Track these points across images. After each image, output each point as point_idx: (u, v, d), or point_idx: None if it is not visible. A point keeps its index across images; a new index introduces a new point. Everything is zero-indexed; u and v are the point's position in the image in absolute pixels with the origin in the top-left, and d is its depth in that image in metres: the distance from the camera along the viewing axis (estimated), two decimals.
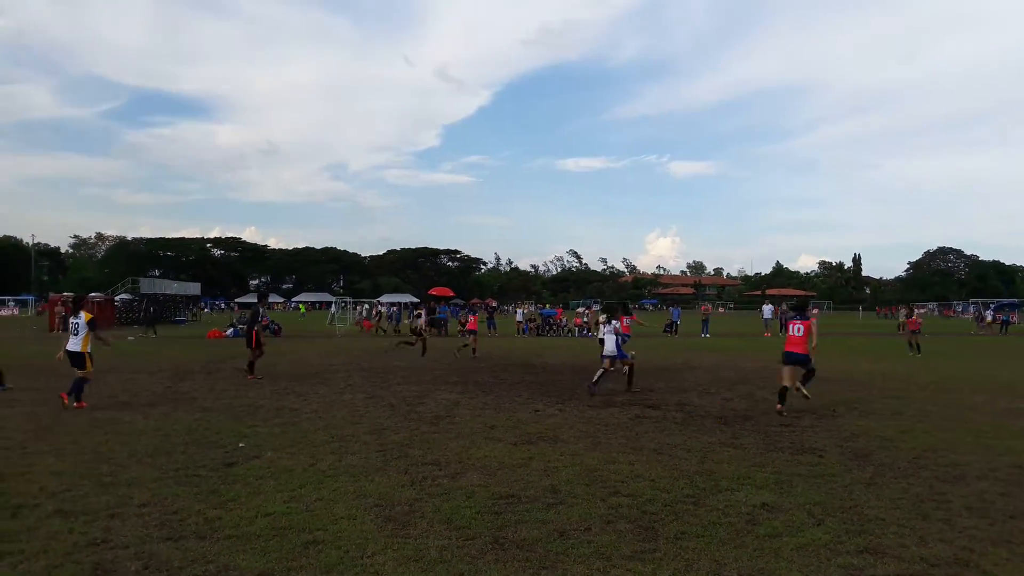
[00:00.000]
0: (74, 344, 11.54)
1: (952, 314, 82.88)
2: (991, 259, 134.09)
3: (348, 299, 47.89)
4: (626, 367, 14.02)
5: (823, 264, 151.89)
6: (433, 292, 35.75)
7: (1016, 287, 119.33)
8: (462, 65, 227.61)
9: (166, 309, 49.67)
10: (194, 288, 64.17)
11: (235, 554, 4.96)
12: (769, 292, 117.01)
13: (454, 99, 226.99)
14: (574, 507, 6.10)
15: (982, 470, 7.52)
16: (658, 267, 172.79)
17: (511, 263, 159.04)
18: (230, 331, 33.81)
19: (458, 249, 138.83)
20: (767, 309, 42.70)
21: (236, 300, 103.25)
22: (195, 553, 4.98)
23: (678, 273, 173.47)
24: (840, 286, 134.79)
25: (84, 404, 11.34)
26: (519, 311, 42.65)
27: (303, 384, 14.76)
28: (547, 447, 8.57)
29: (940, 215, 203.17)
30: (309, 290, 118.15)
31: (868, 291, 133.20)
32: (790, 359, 11.53)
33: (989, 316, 45.57)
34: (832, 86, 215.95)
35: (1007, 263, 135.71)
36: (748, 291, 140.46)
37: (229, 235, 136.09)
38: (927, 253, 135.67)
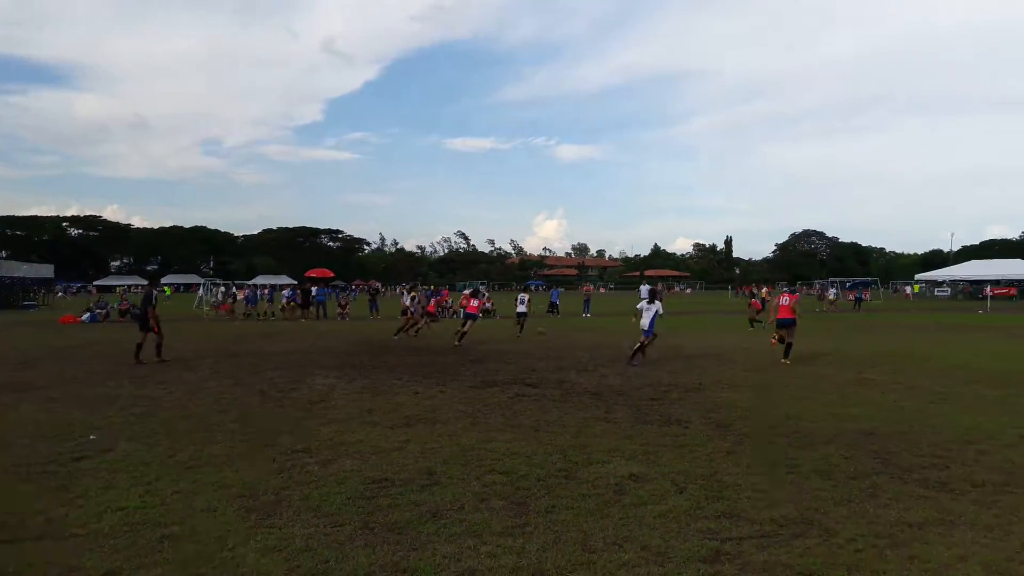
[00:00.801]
0: None
1: (813, 293, 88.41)
2: (850, 241, 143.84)
3: (218, 281, 45.71)
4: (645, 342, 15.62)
5: (697, 246, 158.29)
6: (311, 274, 34.64)
7: (871, 267, 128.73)
8: (349, 39, 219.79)
9: (13, 294, 46.00)
10: (47, 270, 59.49)
11: (80, 554, 4.68)
12: (647, 273, 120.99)
13: (340, 73, 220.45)
14: (448, 487, 6.14)
15: (829, 436, 8.09)
16: (544, 249, 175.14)
17: (396, 244, 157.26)
18: (86, 316, 31.62)
19: (340, 229, 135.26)
20: (644, 289, 44.05)
21: (95, 283, 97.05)
22: (33, 556, 4.66)
23: (563, 255, 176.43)
24: (713, 267, 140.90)
25: None
26: (405, 294, 42.16)
27: (165, 371, 14.05)
28: (425, 429, 8.56)
29: (806, 200, 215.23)
30: (176, 271, 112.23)
31: (738, 271, 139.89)
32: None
33: (832, 294, 48.36)
34: (713, 75, 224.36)
35: (863, 244, 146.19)
36: (628, 272, 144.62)
37: (88, 213, 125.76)
38: (792, 235, 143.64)
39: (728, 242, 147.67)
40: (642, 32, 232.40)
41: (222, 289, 41.94)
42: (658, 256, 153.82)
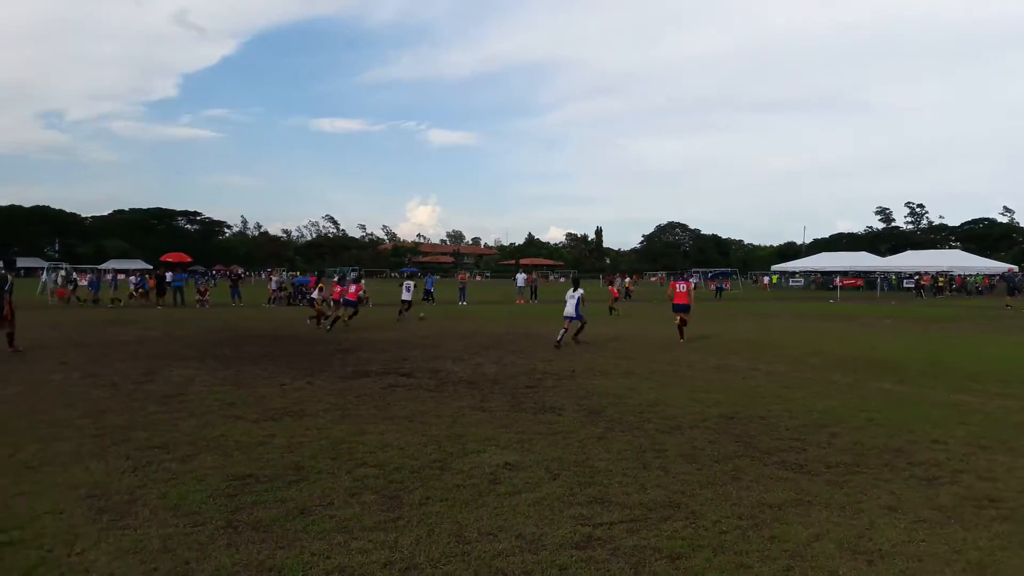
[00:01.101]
0: None
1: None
2: (711, 233, 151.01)
3: (65, 265, 42.23)
4: (580, 325, 17.18)
5: (570, 236, 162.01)
6: (167, 258, 32.58)
7: (731, 258, 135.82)
8: (204, 11, 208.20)
9: None
10: None
11: None
12: (522, 262, 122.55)
13: (195, 47, 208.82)
14: (317, 483, 5.91)
15: (694, 420, 8.42)
16: (419, 235, 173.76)
17: (260, 227, 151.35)
18: None
19: (199, 211, 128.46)
20: (520, 277, 44.54)
21: None
22: None
23: (438, 242, 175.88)
24: (584, 256, 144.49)
25: None
26: (274, 279, 40.58)
27: (3, 364, 12.88)
28: (292, 422, 8.23)
29: (670, 193, 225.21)
30: (17, 254, 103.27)
31: (608, 261, 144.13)
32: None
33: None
34: (582, 65, 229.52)
35: (723, 236, 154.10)
36: (503, 260, 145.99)
37: None
38: (658, 227, 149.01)
39: (599, 232, 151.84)
40: (505, 20, 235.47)
41: (62, 273, 38.63)
42: (532, 245, 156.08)
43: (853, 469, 6.39)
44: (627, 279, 51.76)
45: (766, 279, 79.69)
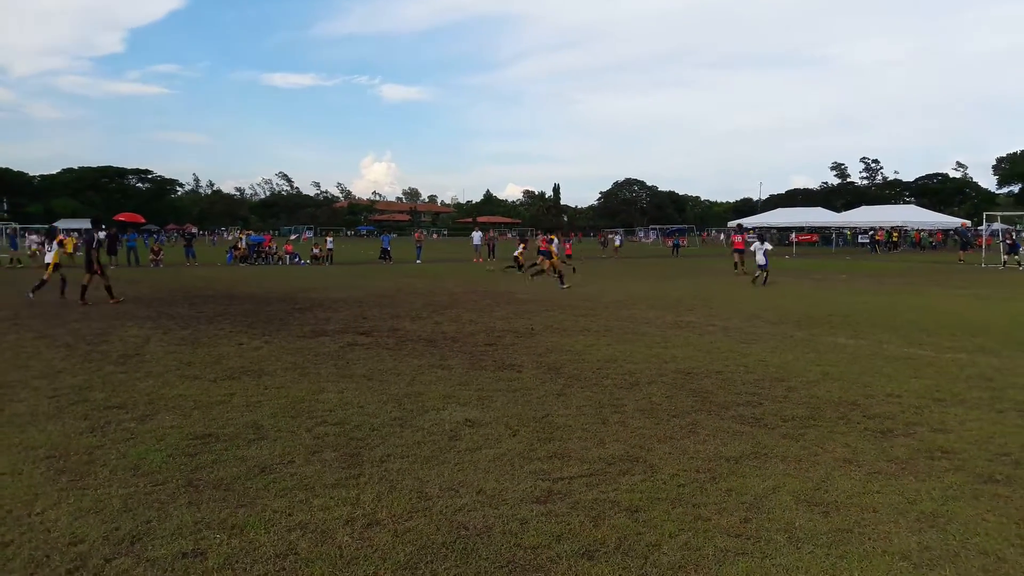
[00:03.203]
0: None
1: (636, 240, 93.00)
2: (667, 190, 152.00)
3: (14, 225, 40.99)
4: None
5: (527, 193, 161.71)
6: (120, 218, 31.71)
7: (687, 214, 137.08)
8: None
9: None
10: None
11: None
12: (480, 220, 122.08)
13: (140, 0, 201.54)
14: (277, 441, 5.89)
15: (651, 376, 8.54)
16: (374, 193, 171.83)
17: (212, 185, 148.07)
18: None
19: (149, 169, 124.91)
20: (477, 236, 44.39)
21: None
22: None
23: (394, 200, 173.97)
24: (542, 214, 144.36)
25: None
26: (242, 237, 39.85)
27: None
28: (250, 382, 8.16)
29: (627, 149, 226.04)
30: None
31: (566, 218, 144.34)
32: None
33: (617, 241, 50.37)
34: (539, 19, 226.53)
35: (680, 193, 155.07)
36: (460, 218, 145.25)
37: None
38: (615, 184, 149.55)
39: (556, 189, 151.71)
40: None
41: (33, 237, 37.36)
42: (490, 202, 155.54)
43: (809, 423, 6.53)
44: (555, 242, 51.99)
45: (722, 236, 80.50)
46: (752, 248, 22.81)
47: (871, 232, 61.08)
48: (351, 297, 18.14)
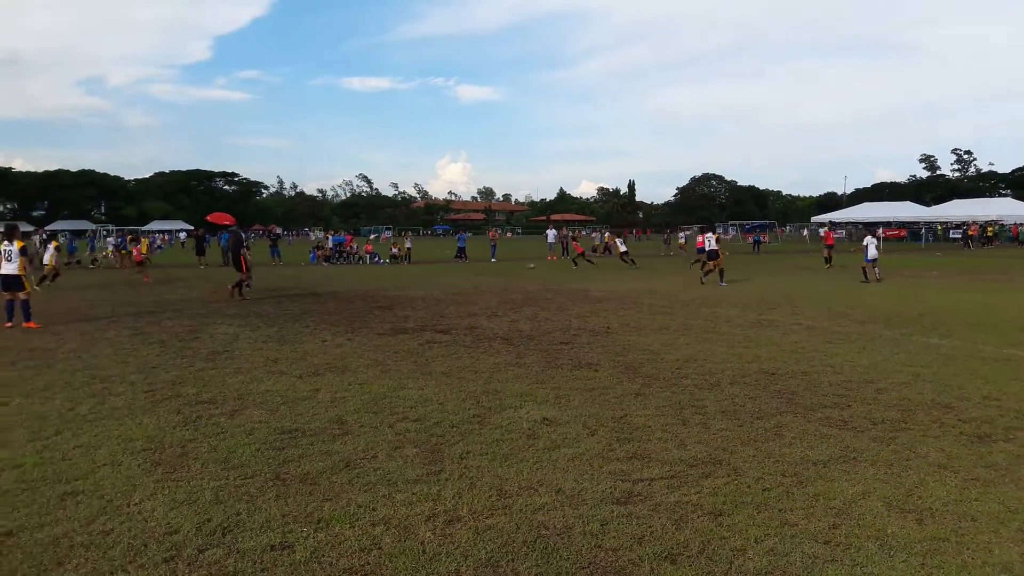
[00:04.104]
0: (9, 268, 12.69)
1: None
2: (748, 184, 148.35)
3: (111, 227, 43.14)
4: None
5: (601, 190, 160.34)
6: (212, 219, 32.88)
7: (768, 210, 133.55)
8: None
9: None
10: None
11: None
12: (553, 217, 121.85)
13: (226, 9, 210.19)
14: (360, 436, 6.02)
15: (733, 377, 8.36)
16: (450, 192, 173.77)
17: (296, 187, 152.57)
18: None
19: (236, 172, 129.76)
20: (551, 234, 44.33)
21: None
22: None
23: (469, 199, 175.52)
24: (616, 211, 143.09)
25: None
26: (328, 238, 41.05)
27: (59, 321, 13.29)
28: (334, 378, 8.37)
29: (705, 143, 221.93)
30: (65, 217, 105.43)
31: (641, 215, 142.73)
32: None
33: (682, 239, 48.63)
34: (609, 14, 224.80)
35: (761, 188, 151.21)
36: (534, 216, 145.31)
37: None
38: (693, 179, 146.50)
39: (631, 186, 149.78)
40: None
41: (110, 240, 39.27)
42: (563, 200, 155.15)
43: (900, 426, 6.28)
44: (607, 234, 51.36)
45: (805, 232, 78.02)
46: (864, 243, 22.64)
47: (963, 226, 58.24)
48: (429, 295, 18.39)
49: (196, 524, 4.28)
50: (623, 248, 34.14)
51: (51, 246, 22.04)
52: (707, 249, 21.71)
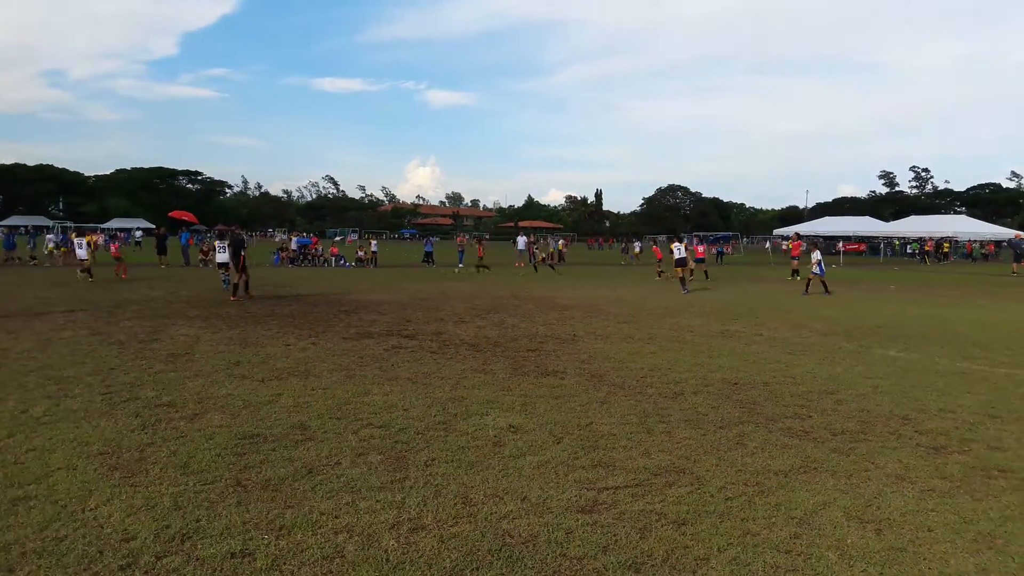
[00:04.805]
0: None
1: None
2: (712, 196, 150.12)
3: (70, 224, 42.17)
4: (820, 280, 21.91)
5: (569, 198, 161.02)
6: (176, 215, 32.15)
7: (731, 221, 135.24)
8: None
9: None
10: None
11: None
12: (522, 224, 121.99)
13: (194, 5, 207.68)
14: (324, 443, 5.95)
15: (697, 386, 8.43)
16: (418, 197, 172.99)
17: (260, 187, 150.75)
18: None
19: (199, 170, 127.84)
20: (521, 240, 44.24)
21: None
22: None
23: (437, 204, 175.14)
24: (584, 219, 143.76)
25: None
26: (292, 239, 40.58)
27: (12, 320, 12.95)
28: (297, 382, 8.27)
29: (671, 155, 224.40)
30: (21, 212, 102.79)
31: (608, 224, 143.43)
32: None
33: (637, 247, 48.74)
34: (584, 25, 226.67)
35: (725, 200, 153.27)
36: (503, 223, 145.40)
37: None
38: (658, 190, 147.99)
39: (598, 195, 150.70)
40: None
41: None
42: (531, 207, 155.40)
43: (859, 437, 6.39)
44: (560, 241, 51.93)
45: (768, 244, 79.08)
46: (812, 258, 22.71)
47: (920, 242, 59.54)
48: (395, 300, 18.28)
49: (154, 531, 4.19)
50: (543, 255, 36.41)
51: None
52: (675, 257, 22.57)
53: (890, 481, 5.24)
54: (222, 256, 20.48)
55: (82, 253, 23.86)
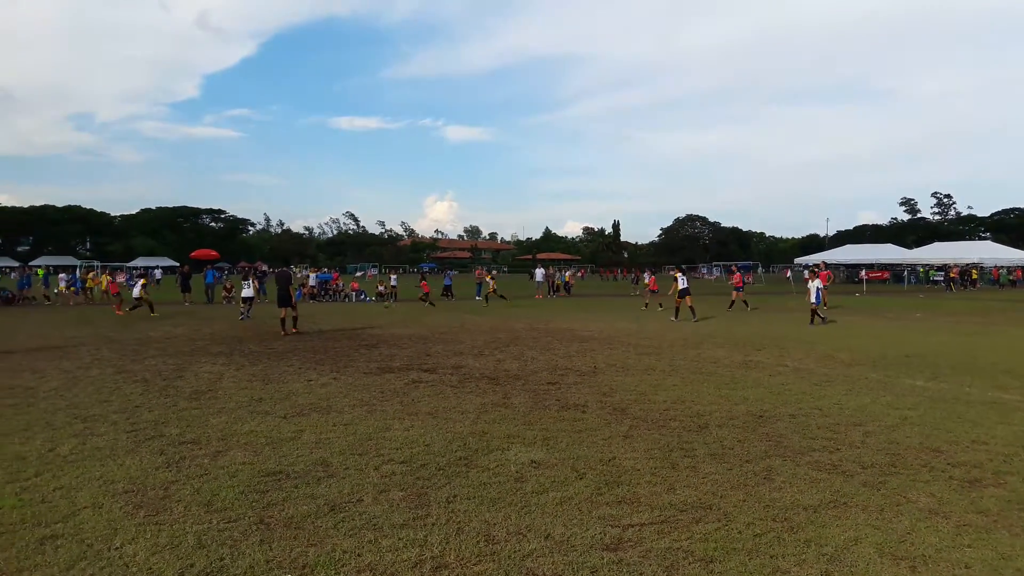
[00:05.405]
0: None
1: (698, 276, 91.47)
2: (731, 226, 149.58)
3: (96, 263, 42.83)
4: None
5: (587, 230, 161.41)
6: (196, 255, 32.68)
7: (751, 250, 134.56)
8: (224, 13, 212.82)
9: None
10: None
11: None
12: (539, 256, 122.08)
13: (215, 48, 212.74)
14: (346, 479, 5.93)
15: (722, 419, 8.32)
16: (436, 231, 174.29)
17: (282, 224, 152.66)
18: None
19: (223, 209, 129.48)
20: (539, 273, 44.35)
21: None
22: None
23: (455, 237, 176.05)
24: (601, 250, 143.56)
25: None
26: (312, 275, 40.92)
27: (40, 359, 13.11)
28: (319, 418, 8.27)
29: (689, 185, 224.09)
30: (50, 253, 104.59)
31: (626, 255, 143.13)
32: None
33: (647, 278, 47.93)
34: (598, 59, 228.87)
35: (744, 229, 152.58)
36: (520, 255, 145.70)
37: None
38: (677, 220, 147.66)
39: (616, 226, 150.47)
40: (520, 15, 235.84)
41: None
42: (549, 239, 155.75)
43: (890, 470, 6.26)
44: (567, 273, 51.55)
45: (789, 273, 78.48)
46: (808, 286, 22.69)
47: (945, 269, 58.81)
48: (415, 334, 18.31)
49: (178, 569, 4.18)
50: (494, 285, 34.81)
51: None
52: (679, 288, 23.18)
53: (923, 516, 5.11)
54: (247, 291, 23.01)
55: (136, 291, 25.01)
